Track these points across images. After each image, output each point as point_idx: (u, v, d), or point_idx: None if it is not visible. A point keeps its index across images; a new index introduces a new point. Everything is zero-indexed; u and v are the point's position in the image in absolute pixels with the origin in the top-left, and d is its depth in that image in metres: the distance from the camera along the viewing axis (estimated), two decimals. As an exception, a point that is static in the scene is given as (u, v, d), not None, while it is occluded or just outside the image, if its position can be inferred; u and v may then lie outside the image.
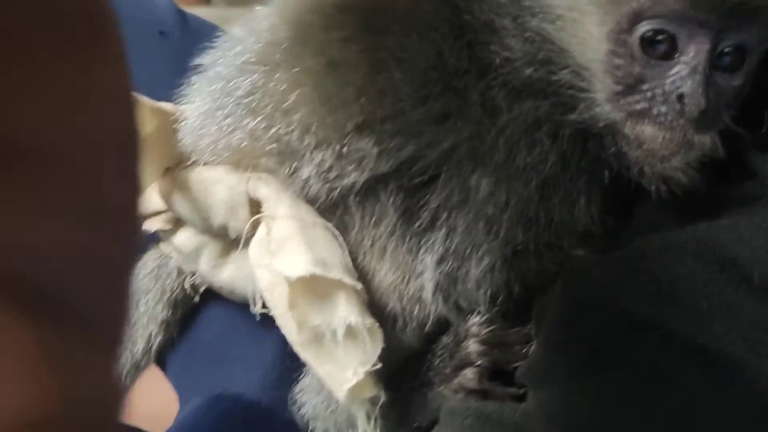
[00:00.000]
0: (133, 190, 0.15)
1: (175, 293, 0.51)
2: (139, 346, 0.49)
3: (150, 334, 0.50)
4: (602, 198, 0.38)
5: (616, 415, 0.32)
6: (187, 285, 0.51)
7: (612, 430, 0.31)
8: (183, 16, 0.66)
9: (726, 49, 0.35)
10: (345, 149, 0.39)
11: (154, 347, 0.50)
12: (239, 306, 0.50)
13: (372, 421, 0.40)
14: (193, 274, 0.50)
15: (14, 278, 0.12)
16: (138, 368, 0.50)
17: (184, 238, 0.47)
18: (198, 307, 0.51)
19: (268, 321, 0.45)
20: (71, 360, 0.12)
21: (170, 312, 0.51)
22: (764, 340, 0.30)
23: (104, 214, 0.14)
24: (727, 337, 0.30)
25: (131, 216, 0.15)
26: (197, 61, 0.46)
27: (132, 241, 0.15)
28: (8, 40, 0.12)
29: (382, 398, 0.39)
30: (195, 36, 0.61)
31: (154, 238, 0.50)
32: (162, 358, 0.52)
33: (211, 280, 0.48)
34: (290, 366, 0.45)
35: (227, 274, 0.46)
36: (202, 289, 0.51)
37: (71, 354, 0.12)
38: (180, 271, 0.51)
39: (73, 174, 0.13)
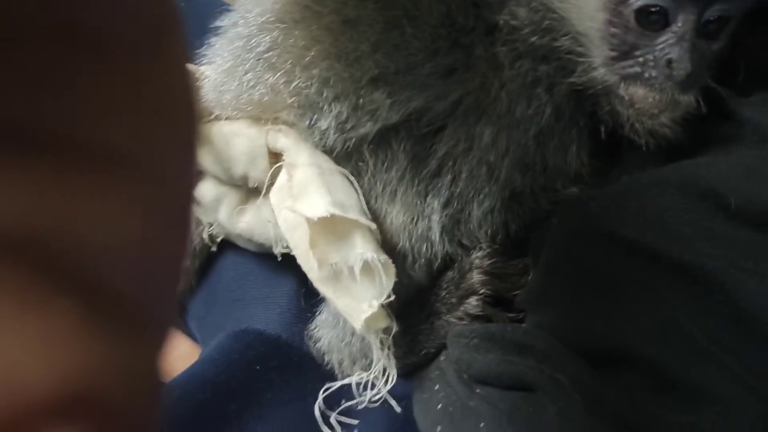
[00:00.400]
0: (192, 185, 0.15)
1: (193, 244, 0.55)
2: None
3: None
4: (591, 145, 0.43)
5: (607, 327, 0.36)
6: (205, 235, 0.54)
7: (604, 340, 0.36)
8: None
9: (710, 19, 0.40)
10: (360, 101, 0.42)
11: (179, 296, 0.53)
12: (253, 253, 0.54)
13: (385, 349, 0.44)
14: (211, 225, 0.54)
15: (73, 261, 0.12)
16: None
17: (206, 189, 0.50)
18: (214, 257, 0.55)
19: (282, 265, 0.49)
20: (120, 340, 0.12)
21: (190, 261, 0.55)
22: (741, 257, 0.35)
23: (169, 210, 0.14)
24: (709, 256, 0.35)
25: (189, 210, 0.15)
26: (217, 23, 0.49)
27: (188, 233, 0.15)
28: (96, 43, 0.12)
29: (394, 328, 0.43)
30: (207, 4, 0.65)
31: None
32: (182, 306, 0.55)
33: (229, 229, 0.51)
34: (305, 305, 0.49)
35: (246, 222, 0.50)
36: (219, 239, 0.55)
37: (121, 335, 0.12)
38: (198, 222, 0.54)
39: (147, 173, 0.13)
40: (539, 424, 0.34)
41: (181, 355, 0.58)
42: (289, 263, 0.47)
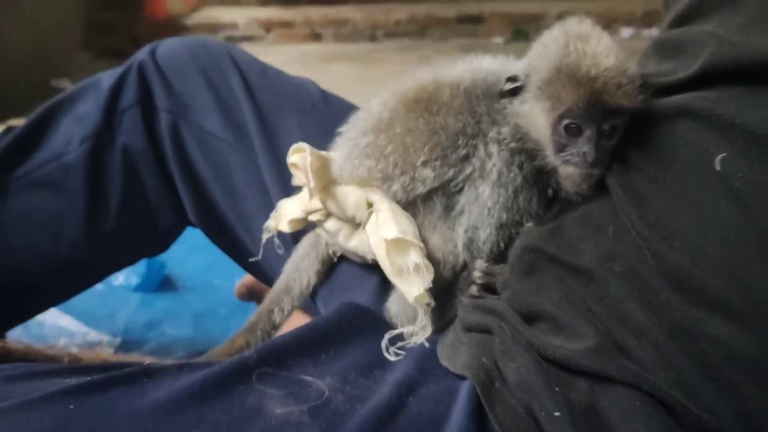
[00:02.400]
0: None
1: (323, 256, 0.90)
2: (304, 283, 0.89)
3: (308, 279, 0.89)
4: (544, 198, 0.73)
5: (533, 302, 0.66)
6: (330, 252, 0.90)
7: (532, 307, 0.65)
8: (325, 95, 1.07)
9: (605, 128, 0.67)
10: (415, 174, 0.76)
11: (311, 286, 0.89)
12: (357, 264, 0.88)
13: (426, 315, 0.76)
14: (333, 246, 0.89)
15: None
16: (302, 297, 0.89)
17: (331, 224, 0.85)
18: (335, 265, 0.91)
19: (372, 269, 0.83)
20: None
21: (321, 266, 0.90)
22: None
23: None
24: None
25: None
26: (340, 129, 0.85)
27: None
28: None
29: (432, 304, 0.75)
30: (333, 107, 1.02)
31: (313, 226, 0.90)
32: (314, 293, 0.91)
33: (344, 248, 0.86)
34: (383, 292, 0.82)
35: (354, 243, 0.84)
36: (338, 255, 0.90)
37: None
38: (327, 244, 0.90)
39: None
40: (492, 351, 0.64)
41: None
42: (375, 268, 0.81)
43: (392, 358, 0.68)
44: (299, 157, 0.81)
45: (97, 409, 0.49)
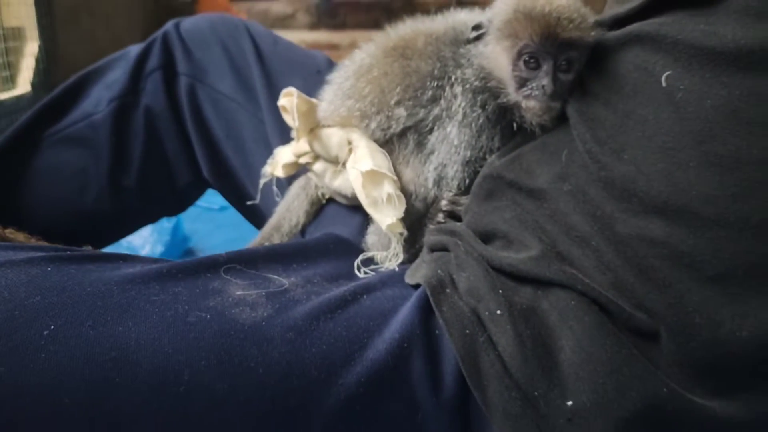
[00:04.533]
0: None
1: (313, 197, 0.97)
2: (293, 222, 0.96)
3: (298, 217, 0.96)
4: (508, 133, 0.79)
5: (488, 223, 0.71)
6: (319, 193, 0.97)
7: (485, 227, 0.71)
8: (331, 63, 1.14)
9: (562, 62, 0.74)
10: (390, 113, 0.82)
11: (300, 225, 0.96)
12: (344, 205, 0.95)
13: (398, 244, 0.82)
14: (322, 187, 0.96)
15: None
16: (291, 234, 0.96)
17: (318, 165, 0.92)
18: (324, 206, 0.98)
19: (355, 208, 0.90)
20: None
21: (310, 207, 0.97)
22: None
23: None
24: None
25: None
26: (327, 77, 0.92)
27: None
28: None
29: (405, 233, 0.81)
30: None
31: (305, 170, 0.97)
32: (303, 231, 0.98)
33: (330, 187, 0.92)
34: (363, 230, 0.89)
35: (338, 183, 0.91)
36: (326, 197, 0.97)
37: None
38: (316, 186, 0.97)
39: None
40: (448, 265, 0.69)
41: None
42: (359, 208, 0.87)
43: (361, 275, 0.75)
44: (287, 100, 0.88)
45: (71, 274, 0.56)
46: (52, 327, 0.51)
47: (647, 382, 0.56)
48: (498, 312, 0.61)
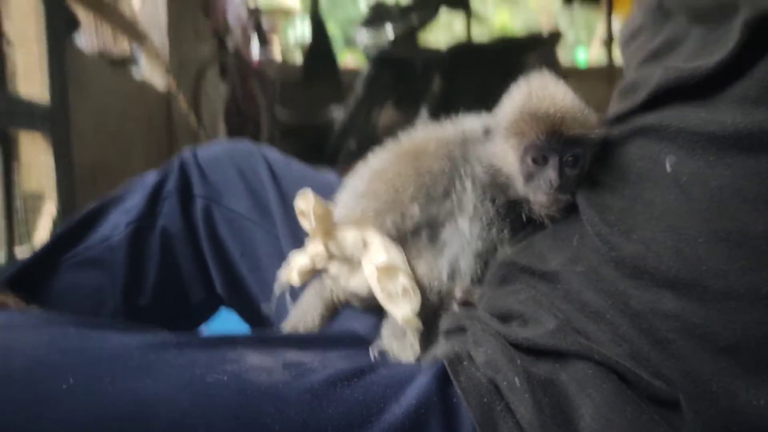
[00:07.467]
0: None
1: (327, 301, 0.98)
2: (309, 327, 0.96)
3: (313, 320, 0.97)
4: (518, 225, 0.82)
5: (503, 308, 0.72)
6: (334, 297, 0.98)
7: (500, 310, 0.71)
8: (342, 181, 1.20)
9: (568, 158, 0.78)
10: (404, 211, 0.86)
11: (316, 326, 0.96)
12: (356, 308, 0.96)
13: (414, 337, 0.82)
14: (337, 290, 0.97)
15: None
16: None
17: (334, 266, 0.94)
18: (339, 308, 0.98)
19: (372, 311, 0.90)
20: None
21: (325, 312, 0.98)
22: None
23: None
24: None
25: None
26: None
27: None
28: None
29: (420, 327, 0.81)
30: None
31: (320, 275, 0.99)
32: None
33: (346, 289, 0.94)
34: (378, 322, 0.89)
35: (354, 284, 0.92)
36: (341, 300, 0.98)
37: None
38: (332, 291, 0.98)
39: None
40: (465, 343, 0.69)
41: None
42: (375, 311, 0.88)
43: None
44: (304, 202, 0.92)
45: (91, 337, 0.57)
46: (72, 381, 0.51)
47: None
48: (516, 381, 0.61)
